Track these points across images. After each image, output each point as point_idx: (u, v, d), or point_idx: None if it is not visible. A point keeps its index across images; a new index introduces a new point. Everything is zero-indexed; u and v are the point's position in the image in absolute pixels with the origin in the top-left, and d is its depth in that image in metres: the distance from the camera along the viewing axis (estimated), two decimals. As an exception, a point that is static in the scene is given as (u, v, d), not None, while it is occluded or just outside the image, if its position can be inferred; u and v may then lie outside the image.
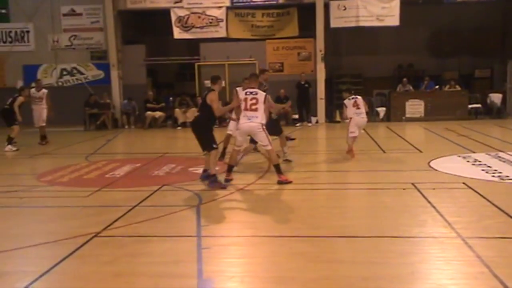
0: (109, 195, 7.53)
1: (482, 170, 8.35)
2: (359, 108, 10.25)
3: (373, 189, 7.43)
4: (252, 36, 18.51)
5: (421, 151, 10.78)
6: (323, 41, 17.87)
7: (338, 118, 17.46)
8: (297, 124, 17.24)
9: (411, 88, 18.38)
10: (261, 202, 7.02)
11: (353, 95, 10.48)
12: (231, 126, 9.57)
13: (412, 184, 7.33)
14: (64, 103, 17.37)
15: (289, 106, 11.74)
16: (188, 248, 4.88)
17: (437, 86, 18.30)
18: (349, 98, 10.40)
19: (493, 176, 7.87)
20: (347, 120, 10.42)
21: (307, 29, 18.11)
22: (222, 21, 18.14)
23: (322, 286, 3.97)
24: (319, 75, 17.95)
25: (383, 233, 5.24)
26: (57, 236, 5.33)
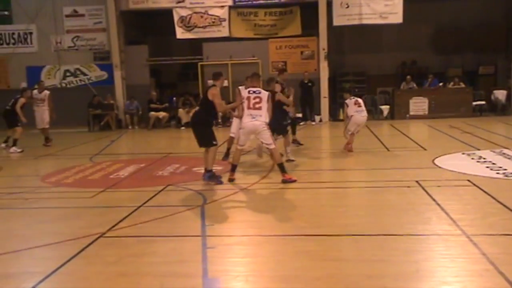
0: (114, 196, 7.55)
1: (487, 167, 8.32)
2: (360, 106, 10.62)
3: (377, 187, 7.42)
4: (255, 35, 18.49)
5: (425, 149, 10.76)
6: (326, 40, 17.83)
7: (342, 117, 17.40)
8: (301, 123, 17.22)
9: (415, 86, 18.32)
10: (265, 201, 7.02)
11: (353, 96, 10.87)
12: (233, 129, 9.55)
13: (417, 182, 7.32)
14: (68, 104, 17.46)
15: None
16: (193, 248, 4.89)
17: (441, 83, 18.24)
18: (350, 98, 10.78)
19: (498, 173, 7.84)
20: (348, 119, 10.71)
21: (310, 28, 18.07)
22: (225, 21, 18.14)
23: (327, 285, 3.97)
24: (322, 74, 17.93)
25: (388, 231, 5.23)
26: (62, 237, 5.35)
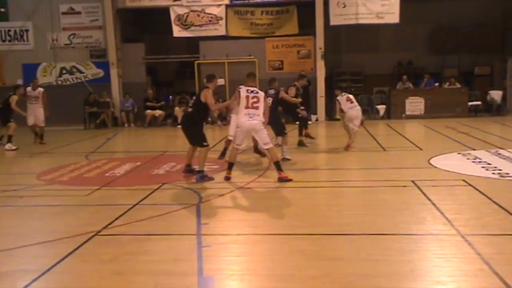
0: (109, 194, 7.53)
1: (482, 167, 8.35)
2: (353, 102, 10.93)
3: (373, 187, 7.43)
4: (252, 34, 18.47)
5: (421, 149, 10.79)
6: (323, 39, 17.84)
7: (338, 116, 17.43)
8: (297, 122, 17.21)
9: (411, 86, 18.36)
10: (261, 200, 7.02)
11: (344, 92, 11.18)
12: (232, 131, 9.54)
13: (412, 182, 7.34)
14: (64, 102, 17.41)
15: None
16: (188, 247, 4.89)
17: (437, 84, 18.29)
18: (341, 95, 11.06)
19: (493, 173, 7.87)
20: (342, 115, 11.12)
21: (307, 27, 18.08)
22: (222, 19, 18.12)
23: (322, 284, 3.97)
24: (319, 73, 17.94)
25: (383, 231, 5.24)
26: (58, 235, 5.34)
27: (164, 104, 18.46)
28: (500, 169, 8.13)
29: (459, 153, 9.86)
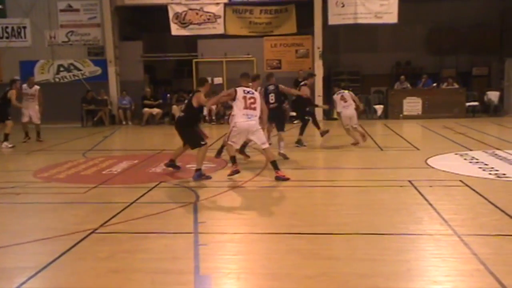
0: (107, 192, 7.52)
1: (479, 168, 8.37)
2: (346, 102, 11.06)
3: (370, 187, 7.44)
4: (250, 33, 18.48)
5: (419, 149, 10.81)
6: (321, 38, 17.85)
7: (336, 116, 17.45)
8: (294, 122, 17.22)
9: (409, 86, 18.39)
10: (258, 199, 7.02)
11: (340, 90, 11.35)
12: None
13: (409, 182, 7.35)
14: (61, 100, 17.38)
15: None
16: (185, 245, 4.89)
17: (435, 84, 18.33)
18: (337, 93, 11.25)
19: (490, 174, 7.89)
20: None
21: (305, 26, 18.09)
22: (220, 18, 18.11)
23: (319, 283, 3.98)
24: (317, 73, 17.87)
25: (380, 230, 5.25)
26: (54, 232, 5.32)
27: (162, 103, 18.44)
28: (497, 170, 8.14)
29: (456, 154, 9.88)
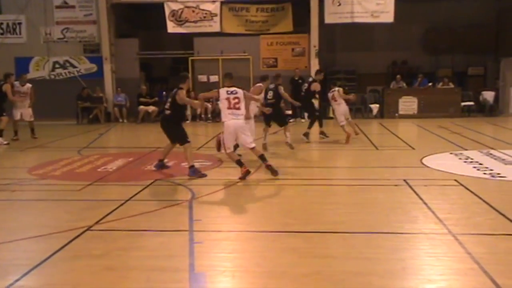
0: (102, 189, 7.50)
1: (474, 168, 8.40)
2: (336, 101, 11.95)
3: (366, 185, 7.46)
4: (246, 31, 18.45)
5: (414, 148, 10.83)
6: (317, 37, 17.86)
7: (331, 114, 17.50)
8: (291, 120, 17.23)
9: (405, 85, 18.44)
10: (254, 197, 7.03)
11: (334, 88, 12.11)
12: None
13: (404, 181, 7.37)
14: (56, 97, 17.33)
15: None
16: (180, 243, 4.88)
17: (431, 84, 18.38)
18: (331, 91, 12.08)
19: (485, 174, 7.92)
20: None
21: (302, 25, 18.10)
22: (216, 16, 18.08)
23: (314, 281, 3.98)
24: (313, 71, 17.90)
25: (375, 229, 5.26)
26: (49, 230, 5.31)
27: (158, 100, 18.38)
28: (492, 169, 8.18)
29: (451, 153, 9.91)
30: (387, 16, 17.38)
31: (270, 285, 3.93)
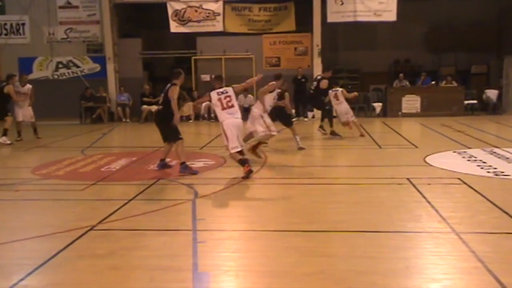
0: (105, 189, 7.52)
1: (477, 166, 8.38)
2: (338, 100, 12.16)
3: (369, 184, 7.45)
4: (249, 31, 18.47)
5: (417, 147, 10.82)
6: (320, 36, 17.85)
7: (334, 113, 17.47)
8: (293, 119, 17.21)
9: (408, 84, 18.41)
10: (257, 197, 7.03)
11: (337, 88, 12.34)
12: (248, 124, 9.48)
13: (408, 180, 7.35)
14: (60, 96, 17.39)
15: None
16: (184, 242, 4.89)
17: (434, 82, 18.35)
18: (332, 90, 12.24)
19: (488, 172, 7.90)
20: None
21: (304, 24, 18.08)
22: (219, 15, 18.09)
23: (317, 280, 3.98)
24: (316, 70, 17.87)
25: (378, 228, 5.26)
26: (53, 229, 5.32)
27: (161, 100, 18.39)
28: (495, 168, 8.15)
29: (455, 152, 9.89)
30: (390, 15, 17.35)
31: (274, 285, 3.92)
